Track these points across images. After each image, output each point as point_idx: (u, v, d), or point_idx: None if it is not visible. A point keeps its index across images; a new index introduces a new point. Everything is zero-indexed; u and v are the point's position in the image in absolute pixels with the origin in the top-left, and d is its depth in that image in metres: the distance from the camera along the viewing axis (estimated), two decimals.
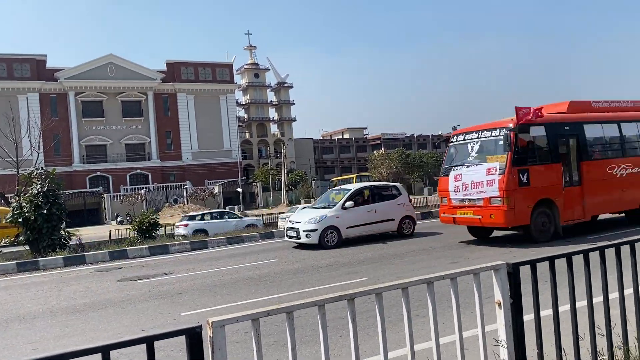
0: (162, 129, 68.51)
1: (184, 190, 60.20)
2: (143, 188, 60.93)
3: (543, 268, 3.62)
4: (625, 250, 4.00)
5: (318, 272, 11.56)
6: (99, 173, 64.21)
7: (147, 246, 19.44)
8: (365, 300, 6.58)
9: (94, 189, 61.03)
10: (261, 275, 11.80)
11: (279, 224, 27.47)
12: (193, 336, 2.45)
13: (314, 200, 52.64)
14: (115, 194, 59.79)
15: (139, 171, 66.59)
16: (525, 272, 3.54)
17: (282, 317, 2.81)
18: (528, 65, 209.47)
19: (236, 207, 53.09)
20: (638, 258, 4.03)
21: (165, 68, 70.05)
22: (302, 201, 53.67)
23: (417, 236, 16.94)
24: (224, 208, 55.04)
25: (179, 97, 69.77)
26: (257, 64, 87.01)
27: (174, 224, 28.82)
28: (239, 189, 59.22)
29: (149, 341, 2.39)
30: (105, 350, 2.31)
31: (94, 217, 56.77)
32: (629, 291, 3.97)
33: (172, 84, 69.08)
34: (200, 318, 7.60)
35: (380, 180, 65.40)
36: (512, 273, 3.47)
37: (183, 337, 2.46)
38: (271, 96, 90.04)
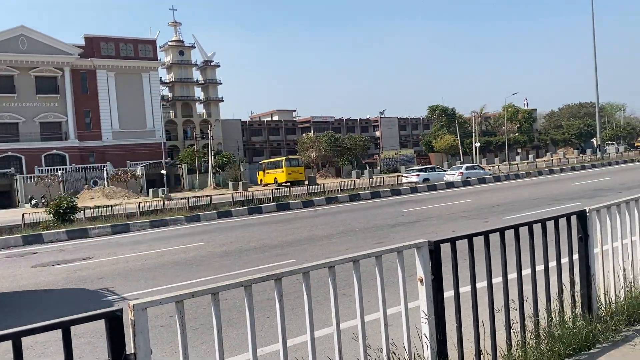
0: (81, 107, 64.95)
1: (105, 172, 57.50)
2: (60, 169, 57.62)
3: (464, 247, 3.77)
4: (537, 229, 4.24)
5: (246, 254, 11.49)
6: (10, 153, 60.00)
7: (64, 230, 18.54)
8: (293, 281, 6.61)
9: (5, 170, 56.99)
10: (187, 259, 11.57)
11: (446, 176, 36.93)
12: (113, 320, 2.34)
13: (241, 182, 52.03)
14: (29, 175, 56.09)
15: (55, 152, 62.91)
16: (447, 250, 3.68)
17: (209, 300, 2.76)
18: (455, 49, 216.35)
19: (160, 189, 51.51)
20: (548, 236, 4.30)
21: (84, 43, 66.22)
22: (230, 184, 52.91)
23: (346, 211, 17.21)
24: (147, 191, 53.25)
25: (98, 73, 66.30)
26: (182, 41, 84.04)
27: (93, 207, 27.60)
28: (163, 171, 57.36)
29: (65, 326, 2.27)
30: (16, 337, 2.17)
31: (5, 200, 53.18)
32: (540, 267, 4.22)
33: (91, 59, 65.47)
34: (123, 303, 7.35)
35: (309, 163, 65.78)
36: (434, 251, 3.59)
37: (103, 322, 2.35)
38: (197, 75, 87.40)
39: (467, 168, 36.41)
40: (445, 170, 40.13)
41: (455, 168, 38.30)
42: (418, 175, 36.83)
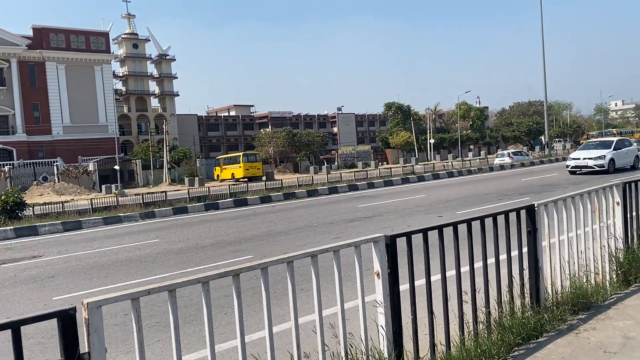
0: (29, 101, 62.50)
1: (55, 167, 55.49)
2: (7, 165, 55.25)
3: (419, 241, 3.86)
4: (489, 222, 4.39)
5: (202, 251, 11.37)
6: None
7: (12, 227, 17.86)
8: (251, 277, 6.60)
9: None
10: (141, 256, 11.35)
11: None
12: (66, 319, 2.29)
13: (198, 178, 51.26)
14: None
15: (1, 146, 60.36)
16: (403, 244, 3.76)
17: (165, 297, 2.73)
18: (410, 48, 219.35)
19: (113, 185, 50.18)
20: (499, 230, 4.45)
21: (32, 34, 63.70)
22: (186, 180, 52.04)
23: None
24: (100, 187, 51.77)
25: (48, 66, 63.92)
26: (136, 34, 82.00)
27: (42, 204, 26.63)
28: (117, 167, 55.93)
29: (15, 326, 2.20)
30: None
31: None
32: (491, 260, 4.37)
33: (39, 51, 63.05)
34: (75, 302, 7.16)
35: (267, 159, 65.42)
36: (390, 245, 3.66)
37: (55, 322, 2.30)
38: (152, 69, 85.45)
39: (514, 154, 45.78)
40: (528, 155, 50.29)
41: (503, 154, 46.09)
42: (511, 157, 43.65)
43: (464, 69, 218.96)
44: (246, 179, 48.36)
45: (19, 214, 21.35)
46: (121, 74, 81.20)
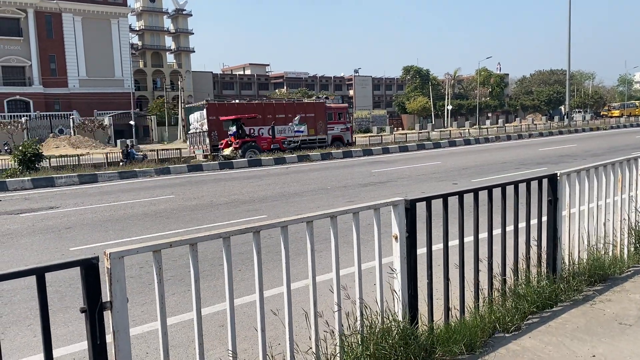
0: (46, 52, 62.36)
1: (71, 120, 55.79)
2: (24, 116, 55.68)
3: (437, 207, 3.82)
4: (509, 191, 4.33)
5: (217, 209, 11.45)
6: None
7: (30, 178, 18.10)
8: (265, 236, 6.64)
9: None
10: (157, 211, 11.47)
11: None
12: (89, 268, 2.31)
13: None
14: None
15: (18, 97, 60.64)
16: (420, 210, 3.72)
17: (180, 252, 2.74)
18: (432, 10, 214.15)
19: (128, 140, 50.43)
20: (520, 198, 4.40)
21: None
22: None
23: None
24: (115, 141, 52.08)
25: (64, 17, 63.45)
26: None
27: (59, 156, 26.92)
28: (132, 122, 56.06)
29: (40, 272, 2.22)
30: None
31: None
32: (510, 228, 4.33)
33: (56, 2, 62.50)
34: (91, 253, 7.28)
35: None
36: (409, 209, 3.63)
37: (73, 272, 2.32)
38: (168, 24, 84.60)
39: None
40: None
41: None
42: None
43: (486, 35, 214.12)
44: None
45: (37, 165, 21.61)
46: (137, 28, 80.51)
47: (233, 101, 37.02)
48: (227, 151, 26.38)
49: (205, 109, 28.17)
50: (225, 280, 2.88)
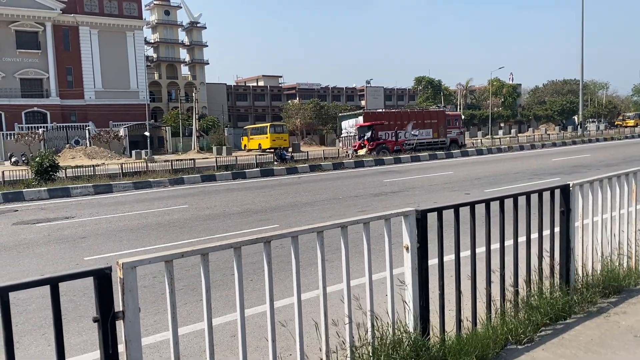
0: (63, 65, 63.31)
1: (87, 131, 56.48)
2: (41, 127, 56.51)
3: (449, 217, 3.82)
4: (521, 201, 4.31)
5: (229, 218, 11.51)
6: None
7: (46, 188, 18.34)
8: (276, 246, 6.66)
9: None
10: (170, 220, 11.55)
11: None
12: (102, 278, 2.35)
13: (225, 147, 51.65)
14: (8, 132, 54.90)
15: (36, 109, 61.52)
16: (432, 220, 3.72)
17: (192, 262, 2.77)
18: (443, 20, 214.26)
19: (143, 151, 50.91)
20: (532, 209, 4.37)
21: None
22: (214, 148, 52.46)
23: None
24: (130, 152, 52.58)
25: (81, 30, 64.49)
26: (168, 1, 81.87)
27: (74, 167, 27.26)
28: (147, 133, 56.57)
29: (54, 282, 2.26)
30: (3, 292, 2.16)
31: None
32: (522, 239, 4.31)
33: (73, 15, 63.56)
34: (105, 263, 7.35)
35: (294, 130, 65.33)
36: (420, 219, 3.63)
37: (87, 281, 2.35)
38: (182, 36, 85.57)
39: None
40: None
41: None
42: None
43: (498, 45, 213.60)
44: (273, 150, 48.57)
45: (53, 176, 21.89)
46: (152, 41, 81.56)
47: (380, 110, 44.71)
48: (362, 152, 32.36)
49: (362, 116, 35.39)
50: (236, 291, 2.90)
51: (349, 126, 36.73)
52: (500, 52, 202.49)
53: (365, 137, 32.77)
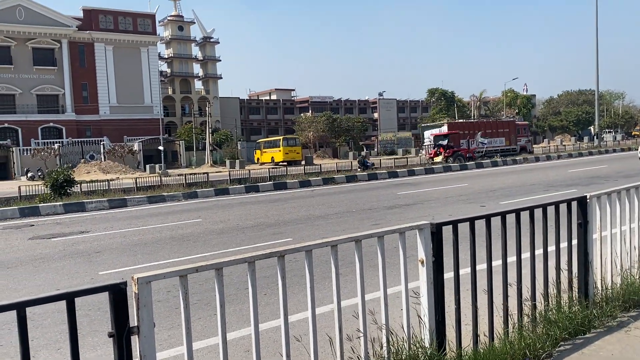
0: (78, 81, 64.35)
1: (102, 146, 57.19)
2: (57, 142, 57.33)
3: (464, 230, 3.78)
4: (537, 213, 4.26)
5: (243, 232, 11.52)
6: (6, 125, 59.56)
7: (61, 203, 18.52)
8: (290, 260, 6.63)
9: (1, 142, 56.59)
10: (184, 234, 11.59)
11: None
12: (117, 293, 2.35)
13: (239, 160, 51.94)
14: (25, 147, 55.73)
15: (52, 124, 62.49)
16: (447, 233, 3.69)
17: (207, 276, 2.77)
18: (456, 31, 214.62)
19: (157, 165, 51.35)
20: (548, 221, 4.31)
21: (82, 15, 65.37)
22: (227, 162, 52.76)
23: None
24: (144, 166, 53.03)
25: (96, 47, 65.59)
26: (182, 16, 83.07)
27: (89, 181, 27.56)
28: (161, 147, 57.13)
29: (70, 298, 2.27)
30: (20, 307, 2.17)
31: (1, 172, 53.02)
32: (539, 252, 4.25)
33: (89, 32, 64.71)
34: (120, 277, 7.38)
35: (307, 143, 65.49)
36: (435, 232, 3.60)
37: (102, 296, 2.36)
38: (196, 51, 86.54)
39: None
40: None
41: None
42: None
43: (511, 56, 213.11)
44: (286, 163, 48.66)
45: (68, 191, 22.13)
46: (166, 56, 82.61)
47: (461, 120, 49.90)
48: (438, 159, 34.90)
49: (445, 126, 39.33)
50: (250, 306, 2.89)
51: (431, 134, 39.67)
52: (514, 63, 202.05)
53: (441, 145, 35.58)
